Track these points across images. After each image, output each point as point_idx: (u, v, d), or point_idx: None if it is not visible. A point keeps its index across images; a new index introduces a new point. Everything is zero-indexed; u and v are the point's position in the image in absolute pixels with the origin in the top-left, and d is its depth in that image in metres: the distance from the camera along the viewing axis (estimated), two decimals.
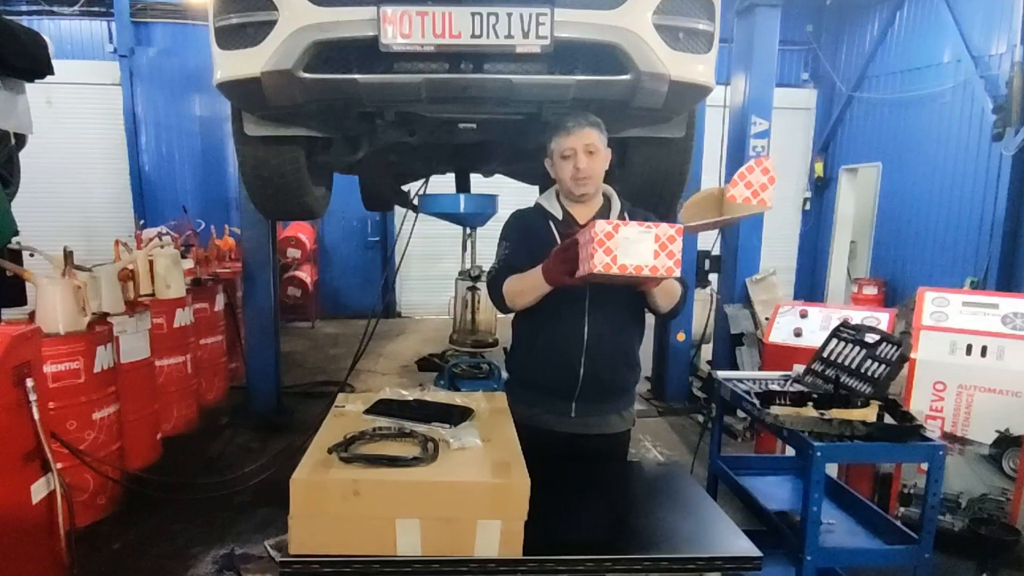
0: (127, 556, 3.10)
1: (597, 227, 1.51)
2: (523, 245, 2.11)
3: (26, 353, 2.43)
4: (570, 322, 2.06)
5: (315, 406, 5.15)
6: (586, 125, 2.02)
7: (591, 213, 2.13)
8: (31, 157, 4.51)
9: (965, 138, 7.69)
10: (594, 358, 2.07)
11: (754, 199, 1.56)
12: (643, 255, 1.49)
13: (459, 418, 1.77)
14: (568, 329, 2.07)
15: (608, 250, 1.49)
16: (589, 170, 2.03)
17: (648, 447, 4.75)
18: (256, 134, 2.89)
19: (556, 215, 2.13)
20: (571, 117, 2.05)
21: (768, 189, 1.56)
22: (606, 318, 2.07)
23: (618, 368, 2.13)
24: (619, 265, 1.49)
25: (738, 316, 5.77)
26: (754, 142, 5.68)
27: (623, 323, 2.12)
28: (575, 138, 2.01)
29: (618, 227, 1.50)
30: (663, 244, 1.50)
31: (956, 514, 3.12)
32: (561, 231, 2.08)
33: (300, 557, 1.41)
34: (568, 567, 1.49)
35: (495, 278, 2.12)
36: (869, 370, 2.36)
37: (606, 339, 2.08)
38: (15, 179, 4.25)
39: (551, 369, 2.10)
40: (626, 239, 1.49)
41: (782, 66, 8.30)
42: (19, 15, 8.50)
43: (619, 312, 2.10)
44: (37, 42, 4.05)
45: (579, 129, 2.01)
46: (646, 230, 1.51)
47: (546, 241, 2.07)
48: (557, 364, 2.09)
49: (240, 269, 5.65)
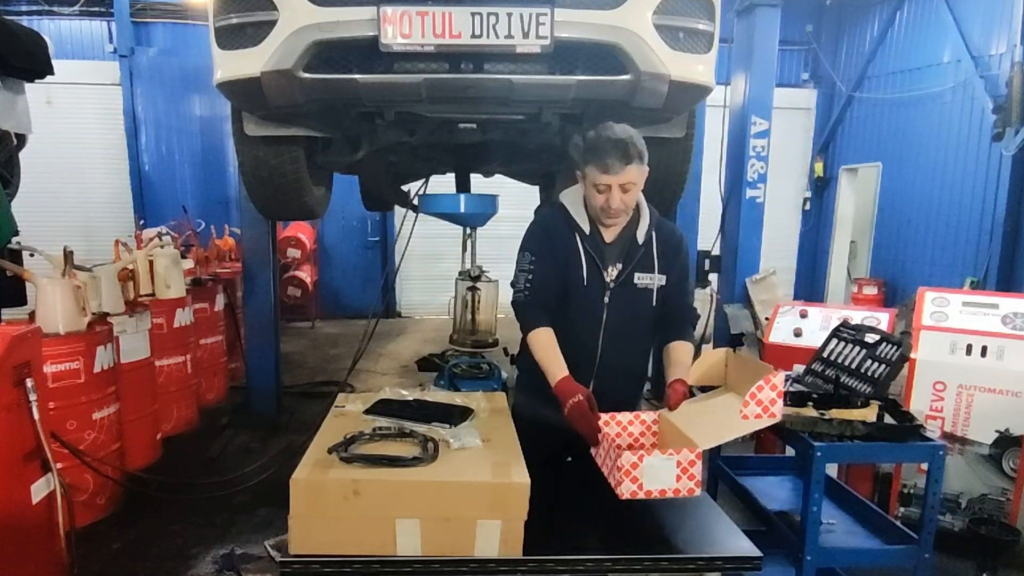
0: (127, 556, 3.10)
1: (624, 459, 1.56)
2: (549, 256, 2.03)
3: (26, 353, 2.43)
4: (585, 339, 2.05)
5: (315, 406, 5.15)
6: (626, 164, 1.86)
7: (619, 230, 2.05)
8: (31, 157, 4.51)
9: (965, 138, 7.69)
10: (604, 376, 2.07)
11: (764, 414, 1.67)
12: (666, 480, 1.58)
13: (459, 418, 1.77)
14: (582, 346, 2.04)
15: (635, 479, 1.57)
16: (623, 206, 1.93)
17: None
18: (256, 134, 2.89)
19: (584, 229, 2.03)
20: (611, 153, 1.86)
21: (777, 403, 1.68)
22: (620, 337, 2.06)
23: (626, 384, 2.15)
24: (645, 491, 1.58)
25: (738, 316, 5.77)
26: (754, 142, 5.68)
27: (636, 342, 2.12)
28: (613, 178, 1.88)
29: (643, 457, 1.56)
30: (684, 468, 1.57)
31: (956, 514, 3.12)
32: (587, 247, 2.02)
33: (300, 557, 1.41)
34: (568, 567, 1.49)
35: (528, 302, 2.02)
36: (869, 370, 2.36)
37: (618, 358, 2.08)
38: (15, 179, 4.25)
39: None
40: (651, 467, 1.57)
41: (782, 66, 8.31)
42: (19, 15, 8.50)
43: (634, 332, 2.09)
44: (37, 42, 4.05)
45: (619, 169, 1.87)
46: (668, 457, 1.57)
47: (572, 254, 2.02)
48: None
49: (240, 269, 5.65)
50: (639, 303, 2.06)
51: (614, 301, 2.03)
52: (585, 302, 2.03)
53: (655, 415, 1.91)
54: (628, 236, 2.05)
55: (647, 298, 2.06)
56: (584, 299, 2.03)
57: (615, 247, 2.05)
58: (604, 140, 1.89)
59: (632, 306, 2.06)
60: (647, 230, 2.05)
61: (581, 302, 2.04)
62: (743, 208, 5.76)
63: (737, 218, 5.81)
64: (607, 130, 1.90)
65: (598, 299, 2.03)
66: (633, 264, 2.03)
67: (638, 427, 1.91)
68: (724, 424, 1.72)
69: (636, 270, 2.04)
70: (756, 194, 5.77)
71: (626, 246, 2.04)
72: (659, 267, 2.05)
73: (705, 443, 1.64)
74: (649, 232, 2.06)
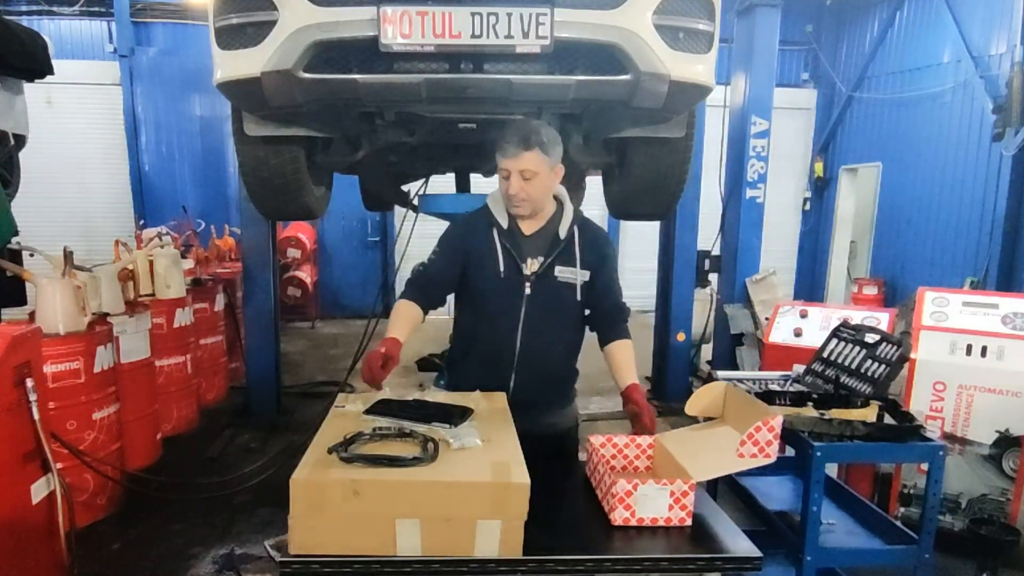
0: (127, 556, 3.10)
1: (618, 486, 1.59)
2: (453, 254, 2.10)
3: (26, 353, 2.43)
4: (504, 334, 2.08)
5: (315, 406, 5.15)
6: (523, 150, 1.91)
7: (540, 224, 2.11)
8: (31, 157, 4.51)
9: (965, 138, 7.69)
10: (524, 373, 2.09)
11: (760, 454, 1.71)
12: (659, 508, 1.61)
13: (459, 418, 1.77)
14: (501, 341, 2.08)
15: (628, 506, 1.60)
16: (523, 194, 1.97)
17: None
18: (256, 134, 2.89)
19: (502, 224, 2.08)
20: (512, 134, 1.94)
21: (773, 445, 1.72)
22: (541, 332, 2.08)
23: (549, 379, 2.16)
24: (637, 519, 1.61)
25: (738, 316, 5.77)
26: (754, 142, 5.69)
27: (557, 338, 2.12)
28: (510, 161, 1.94)
29: (637, 486, 1.59)
30: (677, 498, 1.60)
31: (956, 514, 3.12)
32: (503, 241, 2.06)
33: (300, 557, 1.41)
34: (568, 567, 1.48)
35: (410, 281, 2.12)
36: (869, 370, 2.36)
37: (538, 354, 2.09)
38: (15, 179, 4.25)
39: (483, 378, 2.09)
40: (644, 496, 1.59)
41: (782, 66, 8.30)
42: (19, 15, 8.50)
43: (555, 328, 2.11)
44: (37, 42, 4.05)
45: (515, 153, 1.92)
46: (662, 487, 1.60)
47: (488, 248, 2.06)
48: (489, 374, 2.10)
49: (240, 269, 5.65)
50: (560, 297, 2.08)
51: (534, 294, 2.05)
52: (503, 295, 2.06)
53: (651, 439, 1.93)
54: (549, 231, 2.09)
55: (569, 293, 2.09)
56: (502, 292, 2.06)
57: (535, 241, 2.08)
58: (510, 125, 2.00)
59: (553, 300, 2.08)
60: (569, 226, 2.09)
61: (499, 296, 2.07)
62: (743, 208, 5.77)
63: (737, 218, 5.82)
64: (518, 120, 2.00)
65: (517, 292, 2.06)
66: (553, 257, 2.06)
67: (633, 450, 1.92)
68: (720, 459, 1.76)
69: (557, 263, 2.07)
70: (756, 194, 5.77)
71: (547, 240, 2.08)
72: (582, 263, 2.08)
73: (699, 476, 1.66)
74: (571, 228, 2.09)
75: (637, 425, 2.00)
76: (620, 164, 3.25)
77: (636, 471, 1.92)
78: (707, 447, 1.85)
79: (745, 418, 1.80)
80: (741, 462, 1.72)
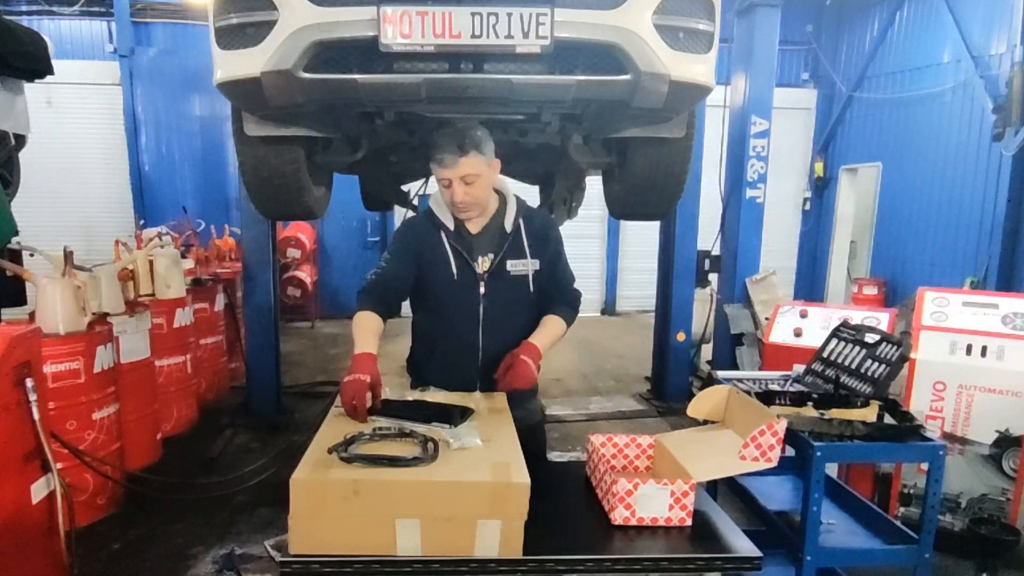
0: (127, 556, 3.10)
1: (619, 486, 1.59)
2: (405, 259, 2.10)
3: (26, 353, 2.43)
4: (465, 335, 2.09)
5: (315, 406, 5.15)
6: (459, 156, 1.92)
7: (485, 221, 2.13)
8: (31, 157, 4.51)
9: (965, 138, 7.69)
10: (489, 367, 2.08)
11: (762, 458, 1.71)
12: (659, 509, 1.61)
13: (459, 418, 1.77)
14: (463, 342, 2.09)
15: (628, 505, 1.60)
16: (469, 198, 1.99)
17: None
18: (256, 134, 2.88)
19: (448, 226, 2.09)
20: (444, 147, 1.94)
21: (775, 449, 1.71)
22: (501, 328, 2.09)
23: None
24: (637, 518, 1.61)
25: (738, 316, 5.77)
26: (754, 142, 5.69)
27: (518, 332, 2.11)
28: (449, 171, 1.95)
29: (637, 485, 1.59)
30: (677, 499, 1.61)
31: (956, 514, 3.12)
32: (452, 243, 2.08)
33: (300, 557, 1.41)
34: (568, 567, 1.49)
35: (363, 288, 2.09)
36: (869, 370, 2.36)
37: (501, 351, 2.07)
38: (15, 179, 4.25)
39: (448, 379, 2.11)
40: (645, 496, 1.60)
41: (782, 66, 8.30)
42: (19, 15, 8.50)
43: (514, 322, 2.11)
44: (37, 42, 4.05)
45: (452, 163, 1.93)
46: (663, 487, 1.61)
47: (438, 252, 2.07)
48: (453, 375, 2.11)
49: (240, 269, 5.65)
50: (515, 290, 2.10)
51: (490, 292, 2.07)
52: (459, 297, 2.08)
53: (651, 439, 1.93)
54: (495, 226, 2.11)
55: (523, 285, 2.11)
56: (458, 294, 2.07)
57: (483, 238, 2.10)
58: (440, 135, 2.00)
59: (508, 294, 2.10)
60: (514, 218, 2.11)
61: (455, 298, 2.08)
62: (743, 208, 5.77)
63: (737, 218, 5.82)
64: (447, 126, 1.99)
65: (473, 291, 2.07)
66: (504, 251, 2.08)
67: (633, 450, 1.93)
68: (721, 461, 1.76)
69: (508, 257, 2.08)
70: (756, 194, 5.77)
71: (495, 236, 2.10)
72: (531, 252, 2.10)
73: (700, 476, 1.67)
74: (517, 220, 2.11)
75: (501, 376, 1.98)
76: (620, 164, 3.25)
77: (636, 471, 1.92)
78: (708, 449, 1.85)
79: (748, 422, 1.80)
80: (743, 465, 1.72)
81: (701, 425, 2.07)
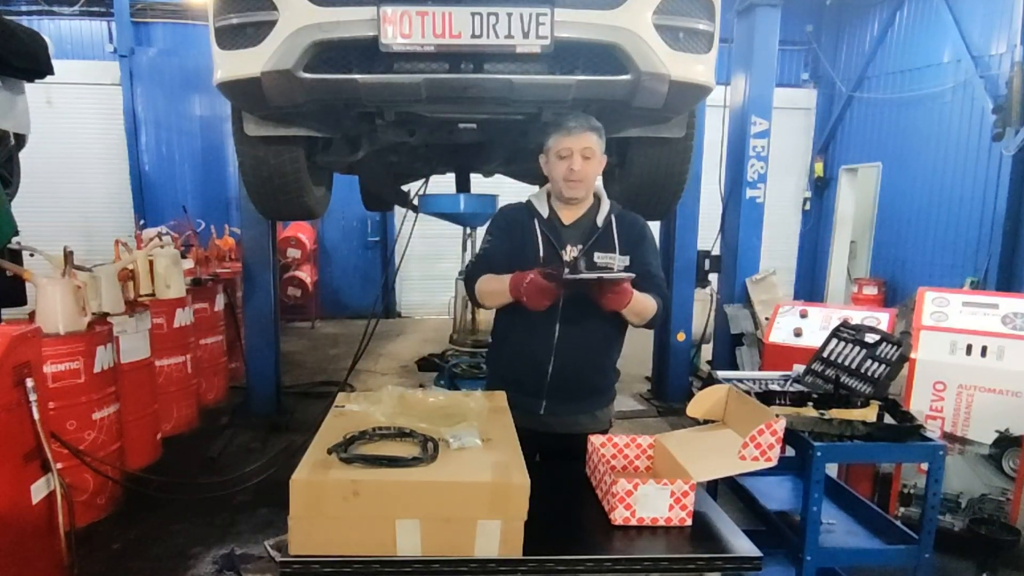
0: (127, 556, 3.10)
1: (619, 486, 1.59)
2: (505, 242, 2.15)
3: (26, 353, 2.43)
4: (542, 323, 2.09)
5: (315, 406, 5.15)
6: (587, 129, 2.04)
7: (579, 213, 2.16)
8: (31, 157, 4.51)
9: (965, 138, 7.69)
10: (562, 359, 2.10)
11: (762, 457, 1.71)
12: (659, 509, 1.61)
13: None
14: (540, 328, 2.10)
15: (628, 506, 1.60)
16: (583, 173, 2.05)
17: None
18: (256, 134, 2.89)
19: (542, 214, 2.15)
20: (573, 118, 2.06)
21: (775, 448, 1.71)
22: (578, 322, 2.09)
23: (585, 371, 2.15)
24: (637, 518, 1.62)
25: (738, 316, 5.77)
26: (754, 142, 5.68)
27: (594, 329, 2.11)
28: (574, 140, 2.03)
29: (637, 485, 1.60)
30: (678, 498, 1.61)
31: (956, 514, 3.12)
32: (545, 230, 2.12)
33: (300, 557, 1.41)
34: (568, 567, 1.48)
35: (471, 271, 2.17)
36: (869, 370, 2.36)
37: (576, 342, 2.09)
38: (15, 179, 4.25)
39: (521, 366, 2.14)
40: (645, 495, 1.60)
41: (782, 66, 8.31)
42: (19, 15, 8.49)
43: (591, 319, 2.09)
44: (37, 42, 4.05)
45: (580, 132, 2.03)
46: (663, 487, 1.61)
47: (529, 239, 2.12)
48: (527, 361, 2.12)
49: (240, 269, 5.64)
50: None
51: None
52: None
53: (651, 439, 1.93)
54: (588, 220, 2.15)
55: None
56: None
57: (574, 230, 2.14)
58: (566, 115, 2.13)
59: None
60: (607, 215, 2.15)
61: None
62: (743, 208, 5.76)
63: (737, 218, 5.82)
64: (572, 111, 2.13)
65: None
66: (592, 243, 2.11)
67: (633, 450, 1.93)
68: (721, 460, 1.76)
69: (595, 249, 2.11)
70: (756, 194, 5.77)
71: (585, 228, 2.14)
72: (621, 248, 2.12)
73: (700, 476, 1.66)
74: (609, 216, 2.15)
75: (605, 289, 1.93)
76: (620, 164, 3.26)
77: (636, 471, 1.92)
78: (708, 449, 1.85)
79: (747, 421, 1.79)
80: (742, 464, 1.71)
81: (701, 425, 2.07)
